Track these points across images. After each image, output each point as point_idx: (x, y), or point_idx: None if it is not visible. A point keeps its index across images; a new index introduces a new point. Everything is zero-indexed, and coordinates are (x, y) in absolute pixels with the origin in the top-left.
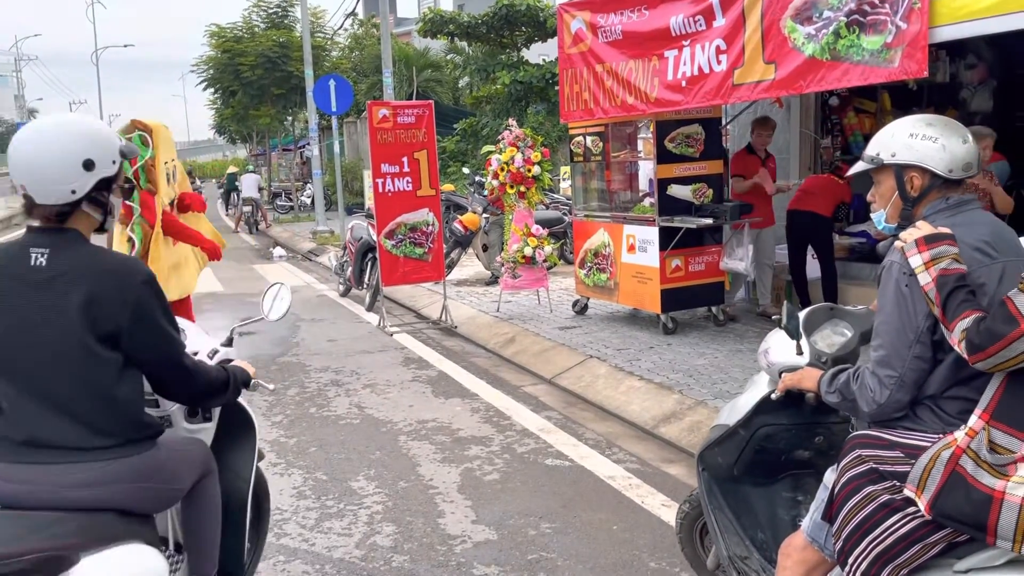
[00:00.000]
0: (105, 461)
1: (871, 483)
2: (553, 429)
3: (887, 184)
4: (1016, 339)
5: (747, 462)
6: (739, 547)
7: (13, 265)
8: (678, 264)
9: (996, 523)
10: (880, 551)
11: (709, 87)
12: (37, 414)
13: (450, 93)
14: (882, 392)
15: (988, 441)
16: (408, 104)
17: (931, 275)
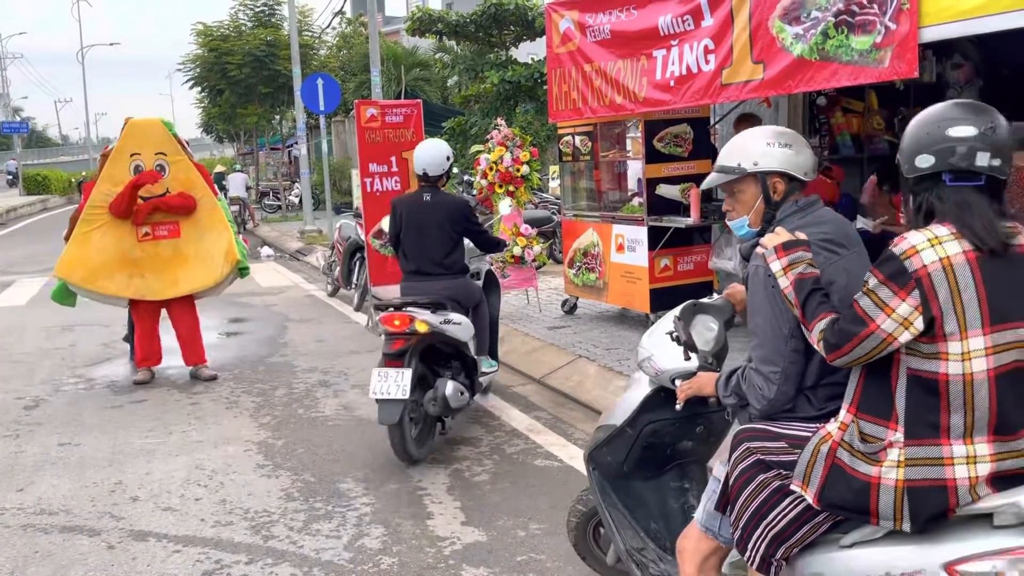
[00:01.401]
0: (450, 279)
1: (761, 472)
2: (542, 429)
3: (750, 192)
4: (866, 337)
5: (636, 458)
6: (635, 540)
7: (417, 198)
8: (667, 263)
9: (877, 506)
10: (775, 533)
11: (697, 87)
12: (424, 259)
13: (439, 92)
14: (769, 388)
15: (859, 432)
16: (396, 103)
17: (789, 279)
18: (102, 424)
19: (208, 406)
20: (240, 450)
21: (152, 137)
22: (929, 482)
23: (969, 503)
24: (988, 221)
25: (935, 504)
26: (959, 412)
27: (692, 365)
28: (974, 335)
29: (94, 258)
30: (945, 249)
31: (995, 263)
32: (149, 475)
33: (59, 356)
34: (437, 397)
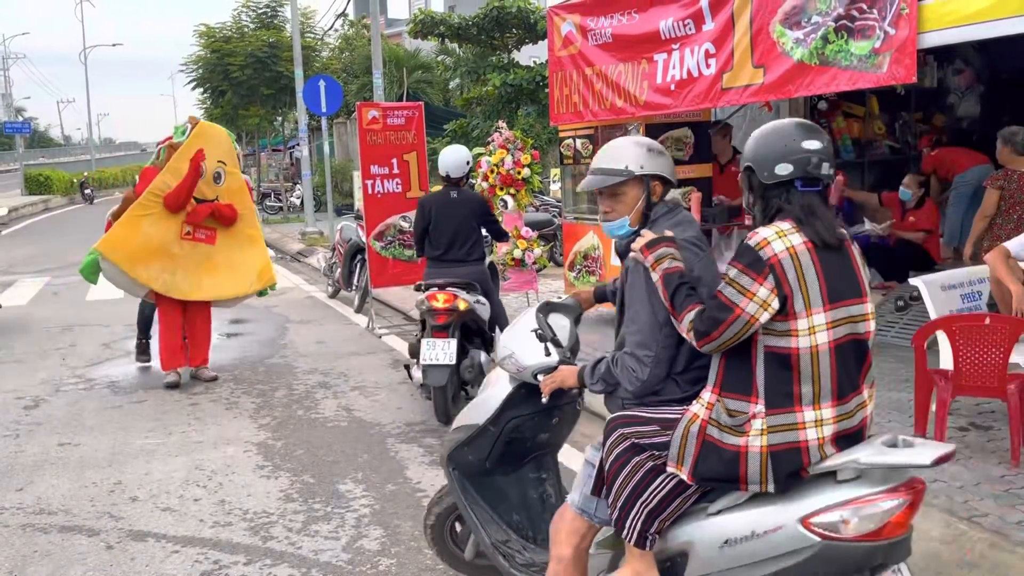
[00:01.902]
0: (473, 265)
1: (635, 455)
2: None
3: (633, 193)
4: (733, 321)
5: (498, 454)
6: (500, 533)
7: (445, 195)
8: None
9: (746, 472)
10: (650, 510)
11: (698, 90)
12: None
13: (440, 94)
14: (643, 370)
15: (725, 409)
16: (398, 105)
17: (658, 274)
18: (102, 424)
19: (208, 407)
20: (240, 451)
21: (220, 145)
22: (787, 445)
23: (818, 461)
24: (829, 221)
25: (792, 464)
26: (808, 382)
27: (553, 360)
28: (817, 312)
29: (139, 243)
30: (790, 240)
31: (828, 252)
32: (148, 475)
33: (59, 356)
34: (473, 364)
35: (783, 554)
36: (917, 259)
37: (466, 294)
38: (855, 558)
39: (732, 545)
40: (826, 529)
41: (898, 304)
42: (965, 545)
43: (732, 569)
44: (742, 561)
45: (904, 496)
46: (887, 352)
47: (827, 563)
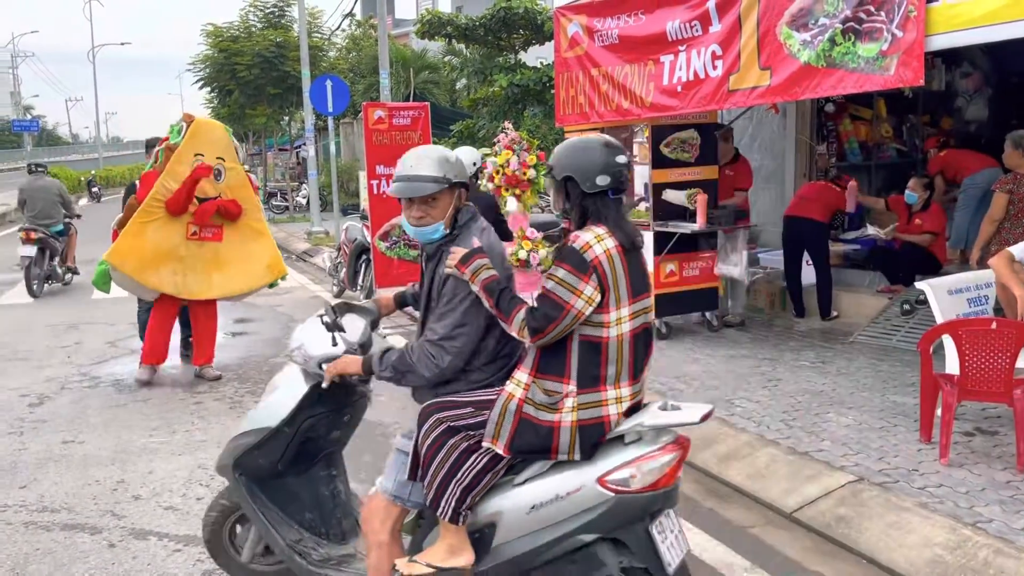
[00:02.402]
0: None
1: (450, 437)
2: None
3: (447, 200)
4: (565, 317)
5: (292, 455)
6: (292, 533)
7: None
8: (672, 269)
9: (558, 444)
10: (464, 487)
11: (704, 92)
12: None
13: (447, 95)
14: (444, 358)
15: (542, 390)
16: (404, 105)
17: (478, 286)
18: (106, 422)
19: (212, 406)
20: None
21: (216, 141)
22: (593, 420)
23: (613, 431)
24: (631, 226)
25: (595, 435)
26: (612, 364)
27: (338, 350)
28: (623, 306)
29: (147, 250)
30: (606, 243)
31: (631, 254)
32: (152, 474)
33: (64, 354)
34: None
35: (583, 511)
36: (923, 262)
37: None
38: (640, 507)
39: (539, 509)
40: (618, 485)
41: (904, 308)
42: (970, 551)
43: (539, 531)
44: (548, 522)
45: (676, 450)
46: (892, 356)
47: (619, 514)
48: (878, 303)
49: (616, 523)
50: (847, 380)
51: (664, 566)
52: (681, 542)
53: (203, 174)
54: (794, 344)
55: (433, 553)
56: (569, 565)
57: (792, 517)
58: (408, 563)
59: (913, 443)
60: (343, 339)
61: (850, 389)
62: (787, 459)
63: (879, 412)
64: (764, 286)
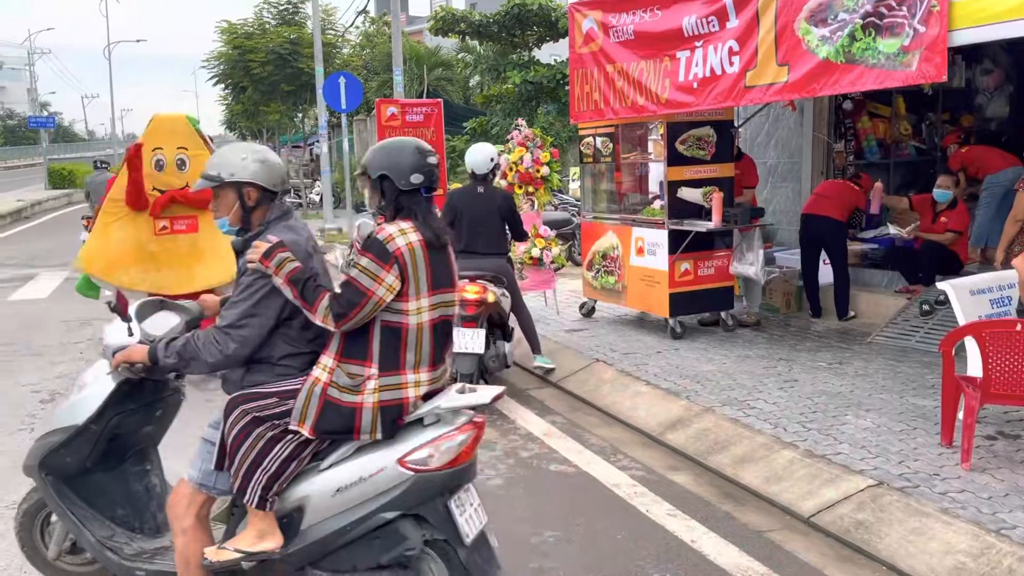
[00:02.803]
0: (496, 258)
1: (256, 427)
2: (558, 434)
3: (229, 198)
4: (368, 303)
5: (101, 452)
6: (103, 529)
7: (471, 191)
8: (687, 268)
9: (360, 424)
10: (271, 474)
11: (721, 89)
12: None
13: (461, 92)
14: (228, 345)
15: (345, 373)
16: (417, 102)
17: (282, 278)
18: None
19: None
20: None
21: (175, 132)
22: (394, 401)
23: (411, 413)
24: (440, 224)
25: (395, 416)
26: (412, 351)
27: (133, 340)
28: (423, 296)
29: (112, 250)
30: (409, 237)
31: (435, 249)
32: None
33: (78, 350)
34: (498, 355)
35: (385, 490)
36: (943, 262)
37: (494, 287)
38: (439, 484)
39: (343, 491)
40: (417, 464)
41: (923, 308)
42: (994, 559)
43: (344, 512)
44: (353, 503)
45: (472, 430)
46: (911, 357)
47: (419, 492)
48: (896, 303)
49: (417, 500)
50: (865, 381)
51: (462, 537)
52: (480, 514)
53: (132, 153)
54: (811, 344)
55: (242, 539)
56: (374, 542)
57: (810, 522)
58: (217, 550)
59: (934, 447)
60: (142, 330)
61: (868, 391)
62: (804, 462)
63: (898, 415)
64: (780, 285)
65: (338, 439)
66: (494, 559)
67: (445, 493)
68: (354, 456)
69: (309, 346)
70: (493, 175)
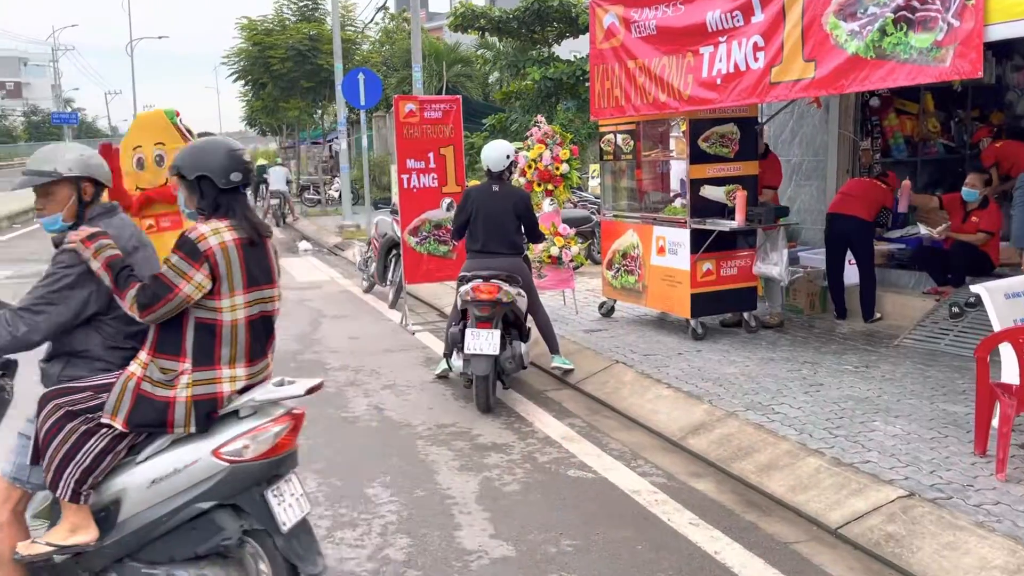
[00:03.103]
0: (512, 257)
1: (69, 421)
2: (576, 438)
3: (64, 193)
4: (173, 298)
5: None
6: None
7: (487, 189)
8: (709, 268)
9: (174, 418)
10: (84, 468)
11: (745, 85)
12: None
13: (480, 88)
14: (19, 327)
15: (158, 368)
16: (436, 99)
17: (100, 262)
18: None
19: None
20: None
21: (153, 128)
22: (207, 395)
23: (226, 407)
24: (259, 219)
25: (208, 409)
26: (227, 346)
27: None
28: (238, 294)
29: None
30: (223, 236)
31: (251, 247)
32: None
33: None
34: (514, 355)
35: (200, 481)
36: (974, 263)
37: (508, 286)
38: (256, 474)
39: (159, 482)
40: (232, 455)
41: (952, 311)
42: None
43: (160, 503)
44: (168, 494)
45: (288, 421)
46: (940, 361)
47: (234, 482)
48: (924, 305)
49: (232, 490)
50: (893, 386)
51: (279, 526)
52: (302, 504)
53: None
54: (836, 347)
55: (55, 533)
56: (191, 532)
57: (837, 533)
58: (30, 544)
59: (967, 456)
60: None
61: (897, 396)
62: (831, 470)
63: (929, 421)
64: (804, 286)
65: (153, 432)
66: (314, 546)
67: (263, 483)
68: (170, 448)
69: (128, 341)
70: (510, 173)
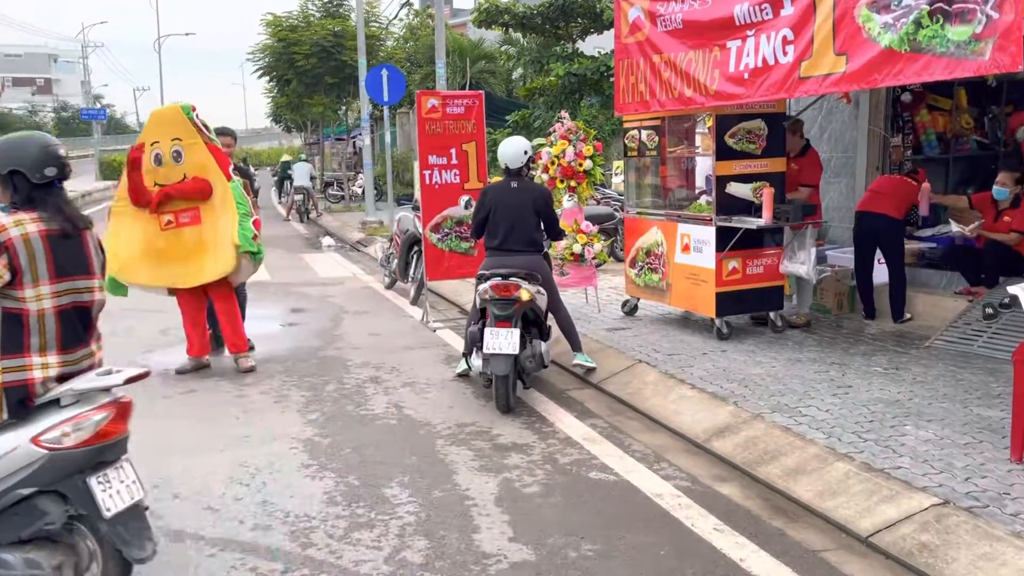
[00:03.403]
0: (531, 255)
1: None
2: (598, 439)
3: None
4: None
5: None
6: None
7: (505, 186)
8: (735, 266)
9: None
10: None
11: (774, 80)
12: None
13: (503, 85)
14: None
15: None
16: (458, 94)
17: None
18: (151, 415)
19: (257, 399)
20: (285, 447)
21: (169, 123)
22: (17, 382)
23: (43, 394)
24: (77, 212)
25: (20, 396)
26: (36, 335)
27: None
28: (44, 284)
29: (123, 250)
30: (25, 228)
31: (62, 238)
32: (190, 471)
33: (116, 341)
34: (534, 355)
35: (19, 468)
36: (1008, 262)
37: (528, 284)
38: (79, 461)
39: None
40: (51, 443)
41: (986, 312)
42: None
43: None
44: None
45: (110, 410)
46: (974, 364)
47: (55, 469)
48: (956, 305)
49: (53, 477)
50: (924, 389)
51: (102, 512)
52: (132, 490)
53: (135, 155)
54: (864, 348)
55: None
56: (13, 518)
57: (868, 542)
58: None
59: (1003, 463)
60: None
61: (928, 399)
62: (861, 476)
63: (962, 426)
64: (832, 285)
65: None
66: (145, 532)
67: (87, 470)
68: None
69: None
70: (528, 169)
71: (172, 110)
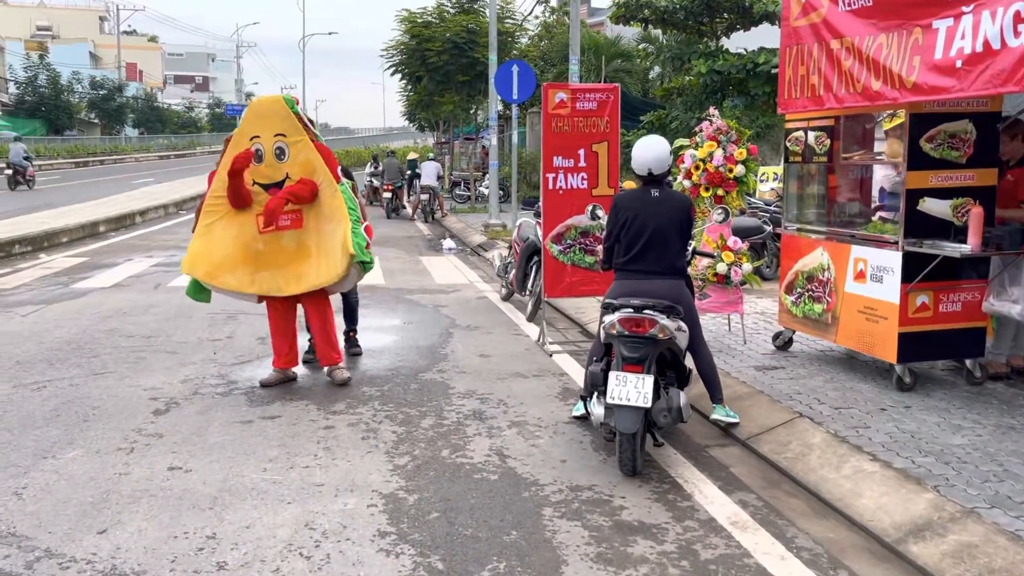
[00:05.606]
0: (672, 279)
1: None
2: (750, 524)
3: None
4: None
5: None
6: None
7: (643, 194)
8: (925, 301)
9: None
10: None
11: (998, 69)
12: (647, 257)
13: (639, 84)
14: None
15: None
16: (590, 87)
17: None
18: (223, 444)
19: (343, 432)
20: (363, 505)
21: (272, 117)
22: None
23: None
24: None
25: None
26: None
27: None
28: None
29: (216, 252)
30: None
31: None
32: (249, 528)
33: (212, 349)
34: (671, 408)
35: None
36: None
37: (666, 319)
38: None
39: None
40: None
41: None
42: None
43: None
44: None
45: None
46: None
47: None
48: None
49: None
50: None
51: None
52: None
53: (240, 165)
54: None
55: None
56: None
57: None
58: None
59: None
60: None
61: None
62: None
63: None
64: None
65: None
66: None
67: None
68: None
69: None
70: (670, 175)
71: (274, 100)
